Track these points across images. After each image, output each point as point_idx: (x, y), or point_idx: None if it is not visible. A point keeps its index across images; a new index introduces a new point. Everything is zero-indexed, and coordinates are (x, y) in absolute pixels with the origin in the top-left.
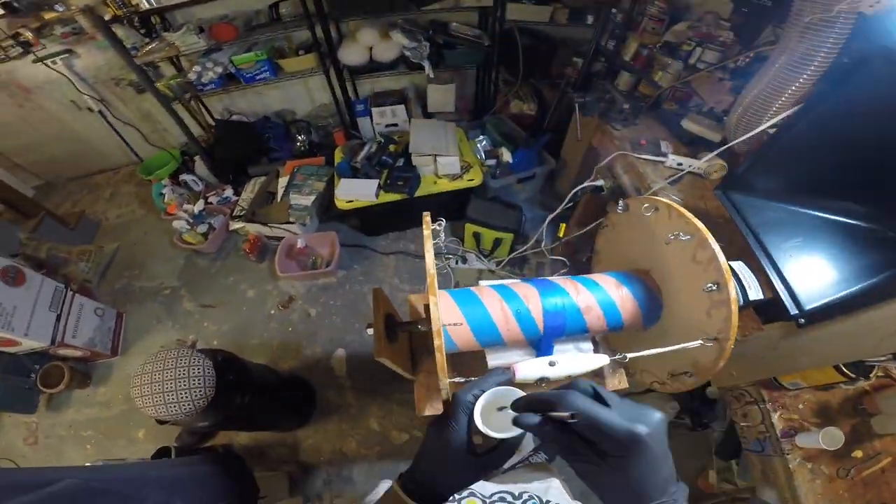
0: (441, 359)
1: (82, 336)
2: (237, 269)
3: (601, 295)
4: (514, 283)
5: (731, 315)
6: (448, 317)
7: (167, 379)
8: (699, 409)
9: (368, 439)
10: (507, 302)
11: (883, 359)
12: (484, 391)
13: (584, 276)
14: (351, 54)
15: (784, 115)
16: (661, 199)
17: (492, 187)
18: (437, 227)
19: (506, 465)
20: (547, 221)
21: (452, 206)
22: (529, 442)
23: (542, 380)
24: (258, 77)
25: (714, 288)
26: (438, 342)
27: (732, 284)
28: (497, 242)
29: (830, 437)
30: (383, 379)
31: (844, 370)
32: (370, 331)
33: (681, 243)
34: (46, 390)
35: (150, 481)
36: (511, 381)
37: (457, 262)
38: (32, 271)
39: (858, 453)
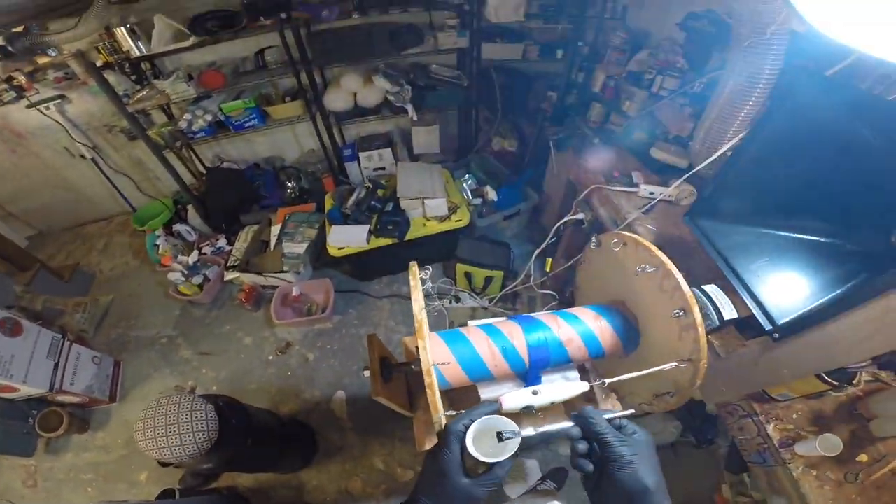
0: (432, 395)
1: (80, 383)
2: (233, 317)
3: (581, 327)
4: (499, 322)
5: (699, 337)
6: (438, 356)
7: (170, 423)
8: (702, 427)
9: (373, 478)
10: (493, 339)
11: (862, 364)
12: (473, 420)
13: (564, 310)
14: (336, 100)
15: (740, 136)
16: (628, 234)
17: (479, 226)
18: (424, 276)
19: (514, 496)
20: (534, 257)
21: (442, 247)
22: (536, 471)
23: (527, 408)
24: (247, 124)
25: (681, 314)
26: (429, 380)
27: (696, 310)
28: (488, 280)
29: (828, 444)
30: (384, 418)
31: (827, 378)
32: (366, 373)
33: (648, 275)
34: (45, 434)
35: None
36: (499, 411)
37: (450, 302)
38: (29, 322)
39: (864, 457)
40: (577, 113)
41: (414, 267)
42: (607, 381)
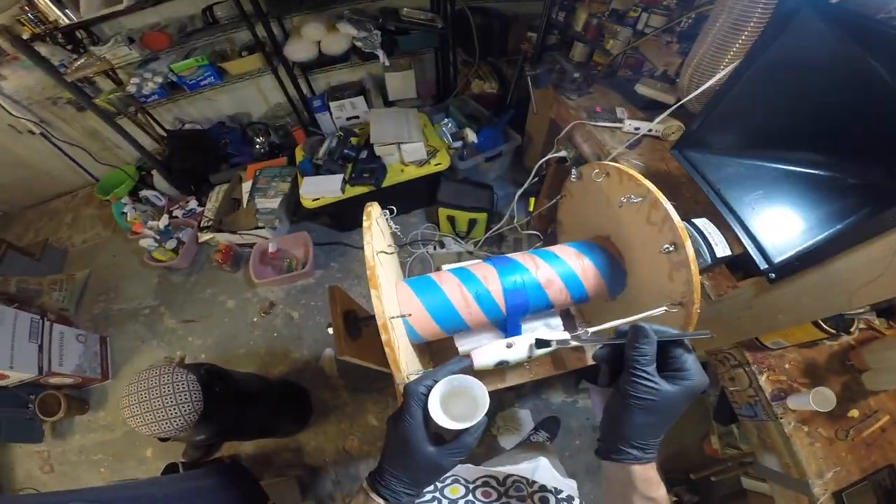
0: (391, 353)
1: (69, 363)
2: (213, 280)
3: (562, 267)
4: (473, 265)
5: (692, 277)
6: (405, 307)
7: (153, 397)
8: None
9: (369, 435)
10: (466, 285)
11: (861, 311)
12: (436, 381)
13: (544, 248)
14: (298, 51)
15: (731, 67)
16: (611, 163)
17: (461, 169)
18: (385, 217)
19: (508, 447)
20: (517, 197)
21: (423, 193)
22: (529, 421)
23: (501, 363)
24: (203, 83)
25: (671, 249)
26: (386, 337)
27: (689, 244)
28: (472, 223)
29: (822, 398)
30: (375, 374)
31: (824, 326)
32: (331, 330)
33: (634, 206)
34: (47, 419)
35: (156, 500)
36: (471, 368)
37: (434, 248)
38: (4, 306)
39: (854, 413)
40: (559, 53)
41: (368, 207)
42: (591, 329)
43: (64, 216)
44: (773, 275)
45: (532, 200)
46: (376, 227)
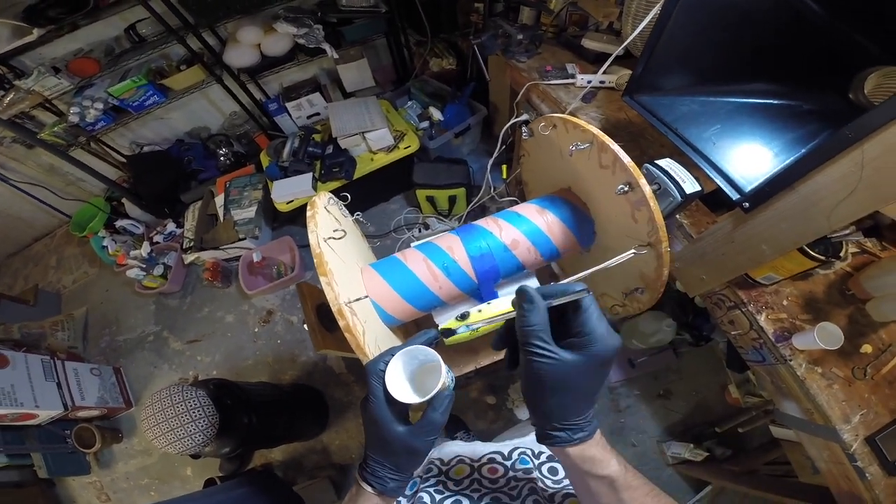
0: (353, 339)
1: (90, 396)
2: (208, 299)
3: (526, 226)
4: (438, 237)
5: (653, 214)
6: (372, 290)
7: (170, 417)
8: (696, 323)
9: None
10: (432, 258)
11: (846, 232)
12: (394, 355)
13: (506, 210)
14: (239, 57)
15: (656, 9)
16: (556, 115)
17: (432, 149)
18: (336, 205)
19: (524, 417)
20: (489, 167)
21: (399, 178)
22: None
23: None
24: (147, 103)
25: (627, 189)
26: (343, 323)
27: (643, 181)
28: (452, 200)
29: (827, 335)
30: None
31: (811, 252)
32: (306, 327)
33: (584, 152)
34: (87, 451)
35: None
36: (438, 341)
37: (420, 231)
38: (12, 351)
39: (868, 348)
40: (507, 19)
41: (314, 198)
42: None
43: (48, 259)
44: (747, 204)
45: (504, 167)
46: (326, 215)
